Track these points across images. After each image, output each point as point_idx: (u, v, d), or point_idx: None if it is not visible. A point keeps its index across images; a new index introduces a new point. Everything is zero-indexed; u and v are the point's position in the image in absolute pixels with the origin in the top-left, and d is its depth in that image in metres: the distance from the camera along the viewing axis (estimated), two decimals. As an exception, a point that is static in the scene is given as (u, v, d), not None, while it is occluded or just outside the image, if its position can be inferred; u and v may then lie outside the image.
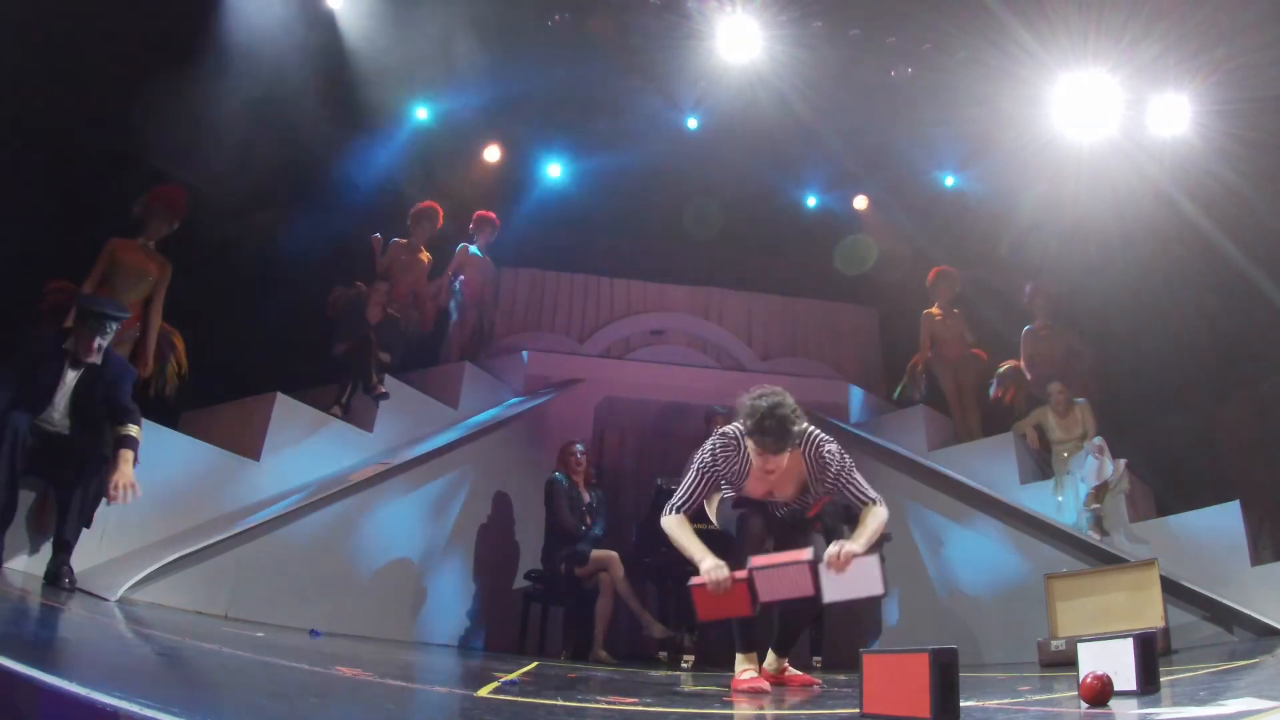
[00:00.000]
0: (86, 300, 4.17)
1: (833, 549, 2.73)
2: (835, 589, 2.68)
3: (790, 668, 3.31)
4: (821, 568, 2.71)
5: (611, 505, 6.21)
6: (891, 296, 8.06)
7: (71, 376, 3.96)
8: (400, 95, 6.91)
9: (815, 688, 3.16)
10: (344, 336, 5.91)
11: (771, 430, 2.83)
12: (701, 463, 3.07)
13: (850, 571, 2.69)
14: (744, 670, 3.00)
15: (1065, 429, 5.97)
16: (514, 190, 7.95)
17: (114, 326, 4.06)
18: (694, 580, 2.79)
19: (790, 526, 3.16)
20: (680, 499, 3.07)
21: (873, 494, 3.00)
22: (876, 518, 2.92)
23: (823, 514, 3.41)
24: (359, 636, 5.10)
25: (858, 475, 3.04)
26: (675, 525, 3.02)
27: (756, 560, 2.76)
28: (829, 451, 3.00)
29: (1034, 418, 6.16)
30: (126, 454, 3.85)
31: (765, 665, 3.18)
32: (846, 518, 6.05)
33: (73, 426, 3.95)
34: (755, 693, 2.84)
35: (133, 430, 3.93)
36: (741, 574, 2.73)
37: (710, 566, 2.77)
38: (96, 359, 4.00)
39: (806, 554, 2.75)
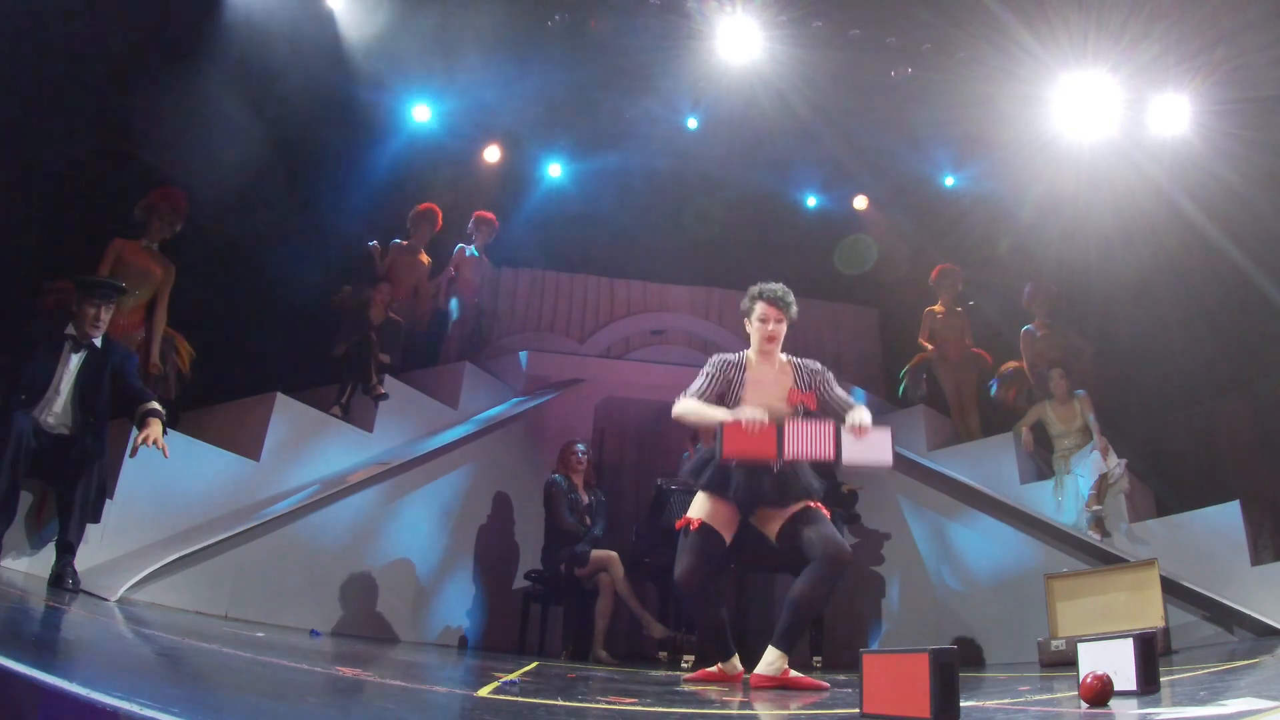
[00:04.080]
0: (84, 279, 4.20)
1: (853, 417, 3.08)
2: (852, 452, 2.99)
3: (791, 670, 3.12)
4: (843, 431, 3.02)
5: (611, 505, 6.21)
6: (891, 296, 8.05)
7: (75, 361, 3.98)
8: (400, 95, 6.91)
9: (824, 692, 3.03)
10: (344, 337, 5.92)
11: (776, 290, 3.35)
12: (706, 370, 3.39)
13: (867, 439, 3.01)
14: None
15: (1065, 420, 5.94)
16: (514, 190, 7.95)
17: (113, 299, 4.11)
18: (729, 419, 3.08)
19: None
20: (692, 390, 3.33)
21: (853, 401, 3.29)
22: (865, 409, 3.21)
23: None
24: (359, 636, 5.10)
25: (838, 387, 3.36)
26: (690, 403, 3.28)
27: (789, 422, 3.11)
28: (812, 361, 3.40)
29: (1032, 415, 6.14)
30: (155, 420, 3.91)
31: (762, 665, 3.05)
32: (848, 515, 6.07)
33: (74, 422, 3.95)
34: (706, 680, 3.24)
35: (155, 404, 3.99)
36: (773, 423, 3.05)
37: (749, 411, 3.09)
38: (98, 334, 4.03)
39: (833, 422, 3.09)
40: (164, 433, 3.90)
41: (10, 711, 1.21)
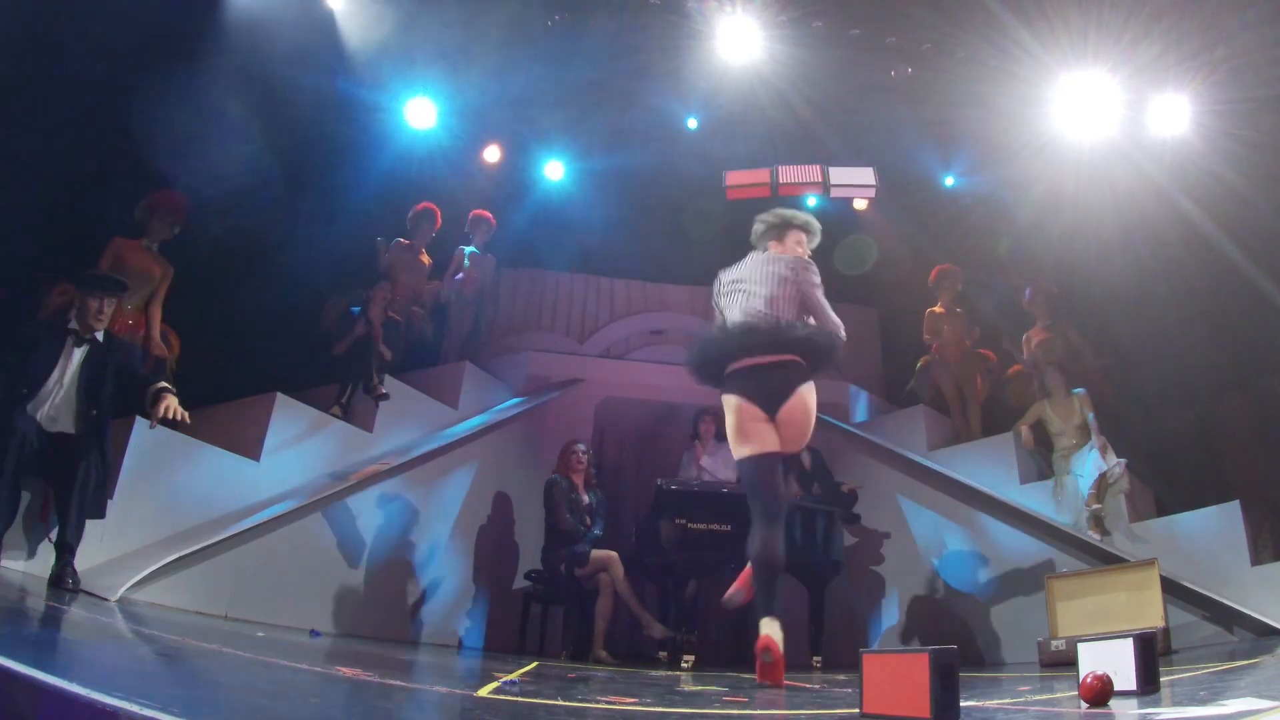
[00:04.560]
0: (86, 273, 4.20)
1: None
2: (839, 179, 3.70)
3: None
4: (832, 170, 3.67)
5: (611, 505, 6.21)
6: (891, 296, 8.05)
7: (78, 355, 3.98)
8: (400, 95, 6.91)
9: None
10: (344, 336, 5.92)
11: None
12: None
13: (853, 169, 3.68)
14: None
15: (1063, 418, 5.93)
16: (514, 190, 7.94)
17: (115, 293, 4.12)
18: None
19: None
20: None
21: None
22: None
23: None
24: (359, 636, 5.10)
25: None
26: None
27: None
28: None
29: (1032, 414, 6.12)
30: (169, 395, 3.97)
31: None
32: (847, 515, 6.06)
33: (76, 417, 3.94)
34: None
35: (164, 383, 4.03)
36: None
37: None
38: (101, 327, 4.03)
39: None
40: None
41: (10, 711, 1.22)
